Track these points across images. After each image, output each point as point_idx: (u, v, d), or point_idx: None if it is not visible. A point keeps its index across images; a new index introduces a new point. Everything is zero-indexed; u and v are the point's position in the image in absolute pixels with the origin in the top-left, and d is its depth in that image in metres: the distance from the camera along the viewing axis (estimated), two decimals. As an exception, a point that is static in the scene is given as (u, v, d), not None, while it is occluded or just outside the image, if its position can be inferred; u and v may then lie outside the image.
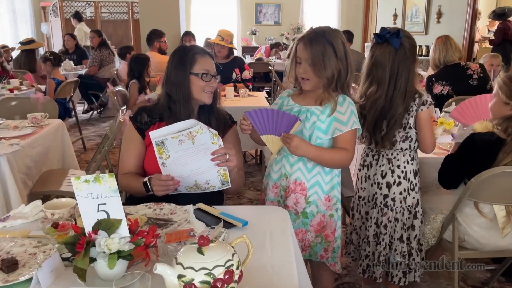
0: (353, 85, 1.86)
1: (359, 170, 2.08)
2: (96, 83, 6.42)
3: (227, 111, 1.97)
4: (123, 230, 1.13)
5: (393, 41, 1.83)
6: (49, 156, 2.93)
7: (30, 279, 1.12)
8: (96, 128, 6.18)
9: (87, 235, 1.13)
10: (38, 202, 1.57)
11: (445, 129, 2.51)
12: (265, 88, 7.51)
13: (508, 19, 7.56)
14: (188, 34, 6.12)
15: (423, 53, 8.61)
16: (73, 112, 5.05)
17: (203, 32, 9.13)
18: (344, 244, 2.19)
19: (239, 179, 1.84)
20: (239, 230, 1.41)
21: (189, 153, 1.59)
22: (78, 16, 8.48)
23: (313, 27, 1.75)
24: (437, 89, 3.41)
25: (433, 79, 3.45)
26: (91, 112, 6.82)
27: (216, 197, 1.85)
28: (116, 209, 1.13)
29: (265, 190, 1.94)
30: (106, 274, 1.11)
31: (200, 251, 1.04)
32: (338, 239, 1.87)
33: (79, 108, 6.76)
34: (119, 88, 4.12)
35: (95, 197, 1.12)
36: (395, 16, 9.54)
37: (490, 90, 3.27)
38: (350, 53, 1.73)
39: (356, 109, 1.75)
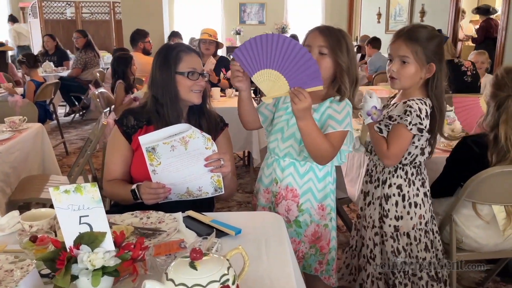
0: None
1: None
2: (78, 85, 6.26)
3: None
4: (108, 243, 1.04)
5: None
6: (28, 162, 2.81)
7: (5, 300, 1.03)
8: (79, 131, 6.02)
9: (68, 250, 1.03)
10: (15, 212, 1.46)
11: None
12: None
13: (491, 17, 7.65)
14: (176, 35, 6.02)
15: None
16: (54, 115, 4.91)
17: (187, 32, 9.01)
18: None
19: (232, 184, 1.76)
20: (232, 239, 1.33)
21: (182, 159, 1.50)
22: (12, 18, 9.53)
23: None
24: None
25: None
26: (72, 115, 6.65)
27: (206, 203, 1.77)
28: (100, 221, 1.04)
29: (257, 194, 1.86)
30: (90, 292, 1.02)
31: (192, 265, 0.95)
32: (332, 250, 1.76)
33: (60, 110, 6.60)
34: (102, 90, 4.00)
35: (76, 208, 1.02)
36: (379, 15, 9.56)
37: (479, 88, 3.27)
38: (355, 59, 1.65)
39: (352, 113, 1.65)
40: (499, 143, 1.68)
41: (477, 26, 8.09)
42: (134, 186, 1.59)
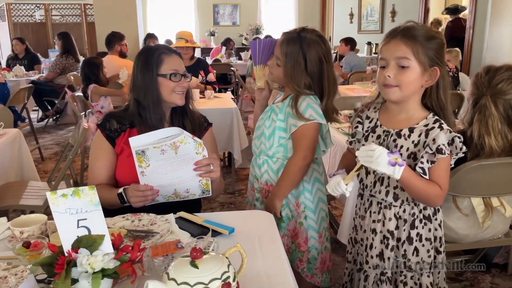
0: None
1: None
2: (51, 89, 6.12)
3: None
4: (106, 246, 1.04)
5: None
6: (6, 169, 2.74)
7: (2, 307, 1.02)
8: (53, 136, 5.90)
9: (66, 254, 1.03)
10: (3, 219, 1.44)
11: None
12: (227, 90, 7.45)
13: (459, 16, 7.90)
14: (151, 37, 5.97)
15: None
16: (27, 120, 4.80)
17: (161, 33, 8.94)
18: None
19: (220, 186, 1.78)
20: (226, 238, 1.34)
21: (171, 163, 1.49)
22: None
23: (305, 27, 1.72)
24: None
25: None
26: (46, 120, 6.51)
27: (193, 205, 1.78)
28: (98, 224, 1.04)
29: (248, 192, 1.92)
30: (90, 295, 1.02)
31: (194, 264, 0.97)
32: (312, 249, 1.78)
33: (33, 115, 6.44)
34: (79, 93, 3.94)
35: (74, 212, 1.02)
36: (351, 15, 9.74)
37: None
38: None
39: (318, 108, 1.67)
40: (473, 140, 1.74)
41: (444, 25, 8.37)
42: (120, 190, 1.58)
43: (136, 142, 1.48)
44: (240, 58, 8.50)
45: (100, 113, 3.88)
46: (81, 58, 6.82)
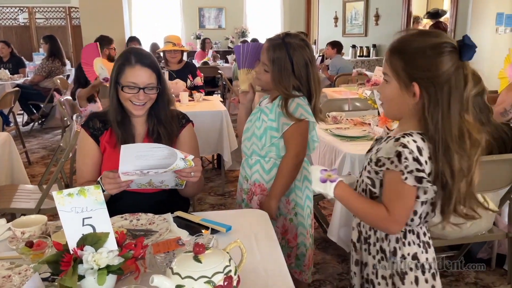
0: None
1: None
2: (37, 93, 6.06)
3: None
4: (111, 243, 1.08)
5: None
6: (-4, 172, 2.74)
7: (9, 304, 1.04)
8: (39, 140, 5.85)
9: (71, 251, 1.06)
10: (2, 221, 1.46)
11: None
12: (214, 93, 7.48)
13: (440, 20, 8.08)
14: (133, 40, 5.96)
15: (364, 54, 8.99)
16: (12, 123, 4.76)
17: (147, 37, 8.95)
18: None
19: (199, 184, 1.75)
20: (223, 236, 1.39)
21: (154, 167, 1.43)
22: None
23: (288, 32, 1.80)
24: None
25: None
26: (32, 124, 6.45)
27: (184, 206, 1.82)
28: (103, 222, 1.08)
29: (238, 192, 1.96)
30: (95, 291, 1.06)
31: (197, 259, 1.02)
32: (301, 246, 1.84)
33: (18, 119, 6.37)
34: (67, 97, 3.93)
35: (80, 211, 1.06)
36: (336, 18, 9.85)
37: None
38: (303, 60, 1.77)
39: (308, 107, 1.74)
40: None
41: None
42: (98, 179, 1.55)
43: (125, 168, 1.40)
44: (227, 61, 8.55)
45: (89, 117, 3.88)
46: (67, 62, 6.80)
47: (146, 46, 7.30)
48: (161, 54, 4.41)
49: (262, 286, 1.14)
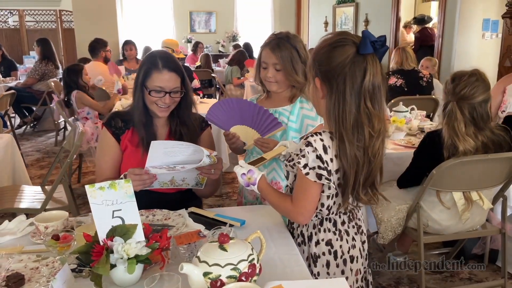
0: None
1: None
2: (30, 95, 6.04)
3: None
4: (139, 235, 1.14)
5: None
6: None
7: (42, 293, 1.09)
8: (33, 143, 5.84)
9: (101, 242, 1.12)
10: (23, 217, 1.51)
11: (397, 127, 2.72)
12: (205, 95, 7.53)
13: (426, 26, 8.28)
14: (129, 43, 5.99)
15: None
16: (8, 124, 4.76)
17: (139, 40, 8.95)
18: None
19: (215, 186, 1.85)
20: (238, 230, 1.45)
21: (180, 160, 1.53)
22: None
23: (274, 33, 1.86)
24: (392, 80, 3.93)
25: (390, 72, 4.02)
26: (24, 127, 6.43)
27: (195, 205, 1.88)
28: (132, 214, 1.14)
29: (241, 192, 2.00)
30: (124, 279, 1.12)
31: (222, 248, 1.08)
32: None
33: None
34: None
35: (110, 203, 1.12)
36: (326, 23, 9.99)
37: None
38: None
39: None
40: (447, 141, 1.91)
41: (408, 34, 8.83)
42: (122, 176, 1.61)
43: (152, 162, 1.49)
44: (218, 65, 8.62)
45: (87, 119, 3.92)
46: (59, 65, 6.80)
47: (139, 50, 7.31)
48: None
49: (280, 273, 1.21)
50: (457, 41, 7.56)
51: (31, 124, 6.54)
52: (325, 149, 1.24)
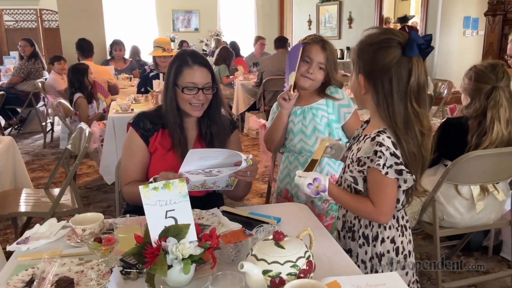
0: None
1: None
2: (15, 97, 5.86)
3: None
4: (191, 234, 1.13)
5: None
6: (1, 177, 2.70)
7: (96, 296, 1.08)
8: (20, 145, 5.67)
9: (154, 243, 1.11)
10: (54, 220, 1.48)
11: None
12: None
13: (408, 24, 8.43)
14: (118, 43, 5.90)
15: (338, 56, 9.24)
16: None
17: (122, 40, 8.83)
18: None
19: (247, 187, 1.84)
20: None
21: (216, 163, 1.53)
22: None
23: (315, 34, 1.95)
24: None
25: None
26: (9, 129, 6.26)
27: (219, 204, 1.87)
28: (185, 214, 1.13)
29: (282, 192, 2.01)
30: (179, 280, 1.11)
31: (279, 245, 1.08)
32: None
33: (-5, 125, 6.18)
34: (61, 100, 3.88)
35: (164, 204, 1.11)
36: (310, 22, 10.07)
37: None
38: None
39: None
40: (482, 126, 1.96)
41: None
42: (151, 179, 1.58)
43: (187, 167, 1.48)
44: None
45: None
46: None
47: (126, 49, 7.22)
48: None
49: (327, 268, 1.22)
50: (439, 39, 7.74)
51: (15, 126, 6.37)
52: (394, 145, 1.27)
